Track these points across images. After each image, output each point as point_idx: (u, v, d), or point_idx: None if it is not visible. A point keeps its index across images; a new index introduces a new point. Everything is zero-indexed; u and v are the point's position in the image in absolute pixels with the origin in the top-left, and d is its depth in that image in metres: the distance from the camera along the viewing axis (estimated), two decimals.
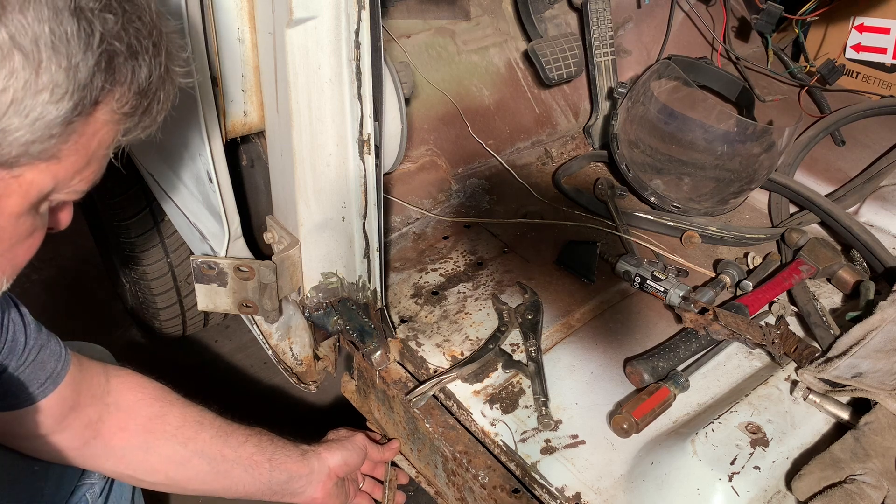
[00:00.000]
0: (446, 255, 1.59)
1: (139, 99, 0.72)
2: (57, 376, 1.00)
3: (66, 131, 0.67)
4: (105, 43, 0.66)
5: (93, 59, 0.65)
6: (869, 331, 1.28)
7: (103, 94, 0.68)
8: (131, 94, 0.70)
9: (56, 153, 0.68)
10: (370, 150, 1.19)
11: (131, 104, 0.71)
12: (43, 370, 0.98)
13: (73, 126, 0.67)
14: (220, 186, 1.25)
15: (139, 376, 1.15)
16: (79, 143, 0.69)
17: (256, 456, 1.18)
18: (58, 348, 1.01)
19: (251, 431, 1.20)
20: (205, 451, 1.14)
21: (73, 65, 0.64)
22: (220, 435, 1.16)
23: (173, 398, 1.16)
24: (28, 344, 0.96)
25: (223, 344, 2.27)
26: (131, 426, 1.10)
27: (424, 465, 1.33)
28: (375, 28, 1.09)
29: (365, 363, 1.37)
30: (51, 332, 1.01)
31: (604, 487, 1.13)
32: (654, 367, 1.27)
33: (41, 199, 0.72)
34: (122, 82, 0.69)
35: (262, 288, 1.32)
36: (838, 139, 1.98)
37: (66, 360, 1.01)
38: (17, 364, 0.95)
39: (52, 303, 2.33)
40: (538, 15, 1.95)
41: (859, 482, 1.05)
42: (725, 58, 2.20)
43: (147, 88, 0.72)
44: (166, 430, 1.12)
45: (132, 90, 0.70)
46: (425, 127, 1.82)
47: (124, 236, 1.80)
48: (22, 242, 0.75)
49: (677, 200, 1.67)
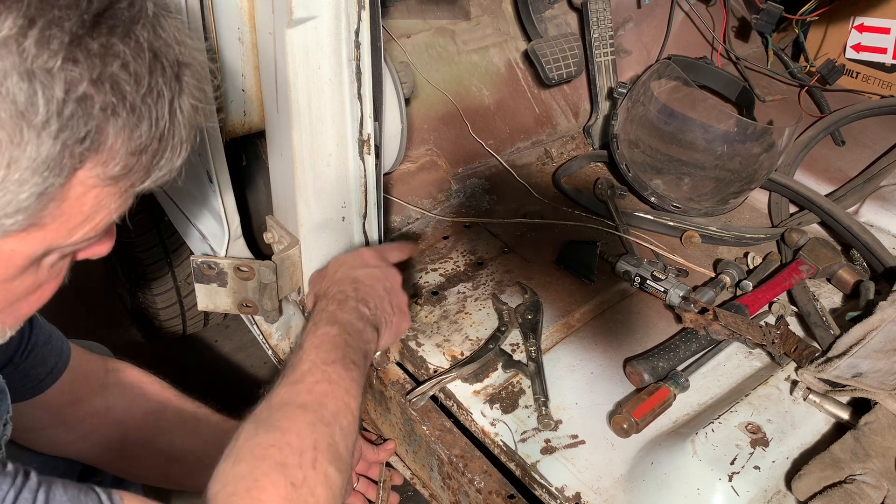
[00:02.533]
0: (446, 255, 1.59)
1: (138, 158, 0.59)
2: (57, 371, 1.00)
3: (39, 204, 0.56)
4: (72, 103, 0.53)
5: (56, 125, 0.52)
6: (869, 331, 1.28)
7: (83, 161, 0.56)
8: (123, 155, 0.58)
9: (36, 222, 0.58)
10: (370, 150, 1.20)
11: (124, 164, 0.58)
12: (44, 365, 0.98)
13: (47, 196, 0.56)
14: (220, 186, 1.25)
15: (138, 371, 1.16)
16: (62, 208, 0.58)
17: None
18: (58, 343, 1.01)
19: None
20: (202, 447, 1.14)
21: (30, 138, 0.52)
22: (218, 432, 1.16)
23: (171, 394, 1.16)
24: (30, 339, 0.96)
25: (223, 344, 2.27)
26: (129, 421, 1.11)
27: (420, 468, 1.33)
28: (375, 28, 1.10)
29: None
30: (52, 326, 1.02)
31: (604, 487, 1.13)
32: (654, 367, 1.27)
33: (32, 262, 0.62)
34: (107, 143, 0.56)
35: (262, 288, 1.32)
36: (838, 139, 1.98)
37: (66, 355, 1.02)
38: (19, 359, 0.95)
39: (53, 303, 2.32)
40: (538, 15, 1.95)
41: (859, 482, 1.05)
42: (725, 58, 2.20)
43: (147, 145, 0.59)
44: (163, 426, 1.12)
45: (125, 150, 0.57)
46: (425, 127, 1.82)
47: (124, 236, 1.80)
48: (24, 299, 0.68)
49: (677, 200, 1.67)
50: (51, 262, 0.66)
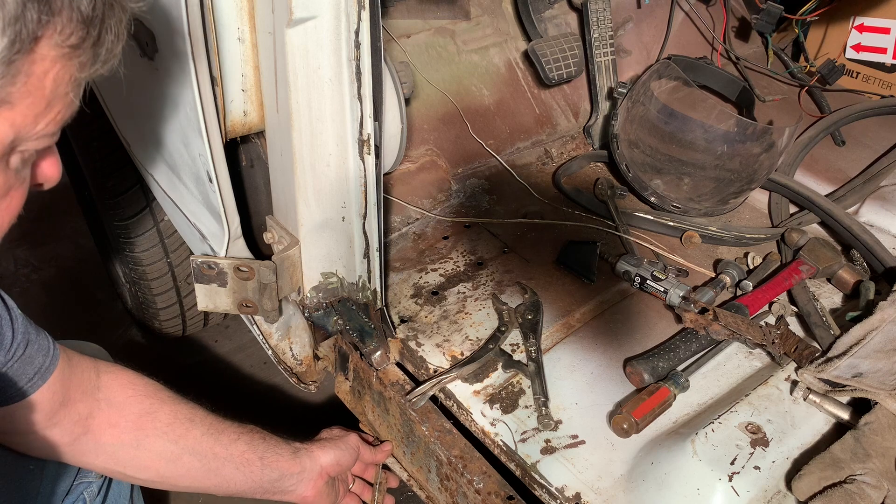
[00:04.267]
0: (446, 255, 1.59)
1: (86, 28, 0.67)
2: (45, 371, 0.98)
3: (10, 72, 0.63)
4: None
5: None
6: (869, 331, 1.28)
7: (41, 27, 0.63)
8: (75, 24, 0.65)
9: (6, 98, 0.65)
10: (370, 150, 1.19)
11: (77, 35, 0.66)
12: (31, 365, 0.97)
13: (15, 66, 0.63)
14: (220, 186, 1.25)
15: (130, 372, 1.15)
16: (29, 84, 0.65)
17: (248, 454, 1.18)
18: (46, 343, 0.99)
19: (243, 429, 1.20)
20: (196, 449, 1.14)
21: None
22: (212, 432, 1.16)
23: (164, 395, 1.15)
24: (15, 339, 0.94)
25: (223, 344, 2.27)
26: (122, 423, 1.09)
27: (417, 469, 1.33)
28: (375, 28, 1.09)
29: (362, 364, 1.37)
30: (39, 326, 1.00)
31: (604, 487, 1.13)
32: (654, 367, 1.27)
33: (4, 151, 0.68)
34: (61, 11, 0.64)
35: (262, 288, 1.32)
36: (838, 139, 1.98)
37: (54, 355, 1.00)
38: (4, 359, 0.93)
39: (52, 303, 2.33)
40: (538, 15, 1.95)
41: (859, 482, 1.05)
42: (725, 58, 2.20)
43: (92, 16, 0.67)
44: (157, 427, 1.12)
45: (75, 19, 0.65)
46: (425, 127, 1.82)
47: (124, 236, 1.80)
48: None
49: (677, 200, 1.67)
50: (16, 164, 0.71)
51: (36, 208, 2.66)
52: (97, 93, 1.55)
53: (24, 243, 2.56)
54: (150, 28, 1.14)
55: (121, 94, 1.46)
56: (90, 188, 1.87)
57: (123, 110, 1.50)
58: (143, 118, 1.37)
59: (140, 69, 1.23)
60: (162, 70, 1.17)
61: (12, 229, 0.77)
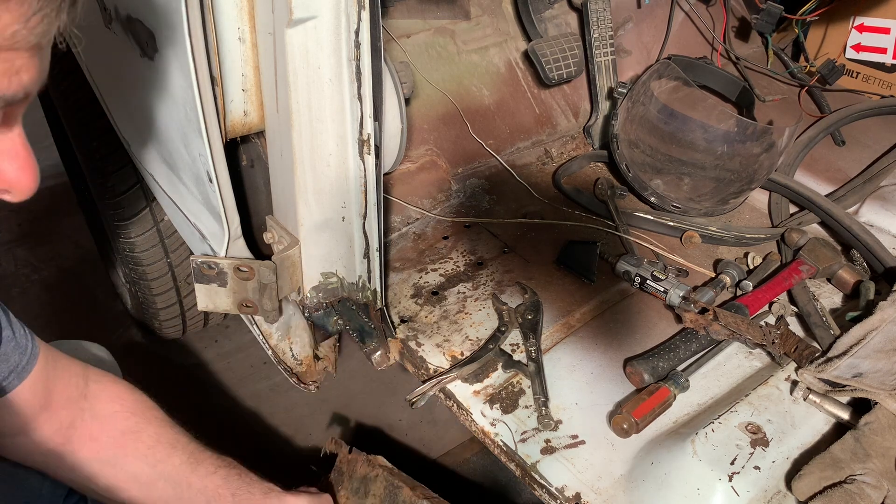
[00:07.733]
0: (446, 255, 1.59)
1: None
2: (22, 370, 0.96)
3: None
4: None
5: None
6: (869, 331, 1.28)
7: None
8: None
9: None
10: (370, 150, 1.19)
11: None
12: (6, 363, 0.94)
13: None
14: (220, 186, 1.25)
15: (121, 384, 1.12)
16: None
17: (221, 489, 1.15)
18: (24, 341, 0.97)
19: (221, 462, 1.17)
20: (172, 476, 1.11)
21: None
22: (191, 462, 1.13)
23: (151, 415, 1.13)
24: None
25: (223, 344, 2.27)
26: (103, 438, 1.07)
27: None
28: (375, 28, 1.09)
29: (344, 461, 1.37)
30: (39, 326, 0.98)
31: (604, 487, 1.13)
32: (654, 367, 1.27)
33: None
34: None
35: (262, 288, 1.32)
36: (838, 139, 1.98)
37: (32, 354, 0.97)
38: None
39: (52, 303, 2.33)
40: (538, 15, 1.95)
41: (859, 482, 1.05)
42: (725, 58, 2.20)
43: None
44: (138, 449, 1.09)
45: None
46: (425, 127, 1.82)
47: (124, 236, 1.80)
48: None
49: (677, 200, 1.67)
50: None
51: (36, 208, 2.66)
52: (97, 93, 1.55)
53: (24, 243, 2.56)
54: (150, 28, 1.14)
55: (121, 94, 1.46)
56: (90, 188, 1.87)
57: (123, 110, 1.50)
58: (143, 118, 1.37)
59: (140, 69, 1.23)
60: (162, 70, 1.17)
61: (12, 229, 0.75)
